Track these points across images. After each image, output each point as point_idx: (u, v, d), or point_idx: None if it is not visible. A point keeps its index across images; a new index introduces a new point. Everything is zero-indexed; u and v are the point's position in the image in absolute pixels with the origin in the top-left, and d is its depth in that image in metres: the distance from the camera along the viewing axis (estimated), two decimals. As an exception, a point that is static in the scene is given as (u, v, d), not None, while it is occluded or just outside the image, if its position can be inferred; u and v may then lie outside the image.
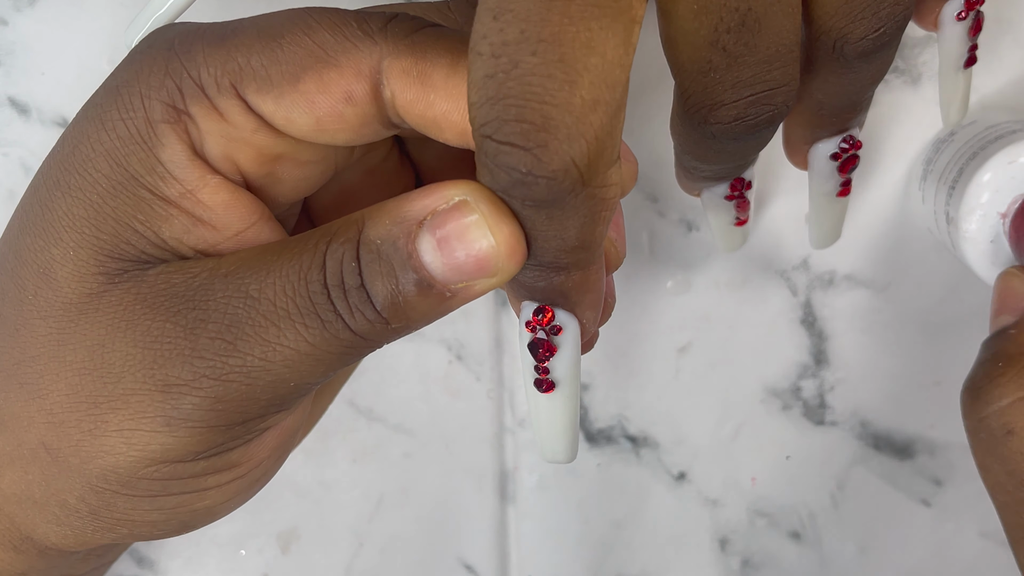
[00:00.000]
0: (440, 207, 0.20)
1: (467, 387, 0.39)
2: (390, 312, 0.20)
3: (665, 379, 0.39)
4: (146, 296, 0.21)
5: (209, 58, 0.21)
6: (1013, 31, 0.35)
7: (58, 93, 0.35)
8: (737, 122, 0.22)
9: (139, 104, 0.21)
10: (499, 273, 0.20)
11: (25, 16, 0.34)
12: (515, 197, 0.19)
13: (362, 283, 0.20)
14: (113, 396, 0.21)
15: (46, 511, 0.23)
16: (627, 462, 0.40)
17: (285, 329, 0.20)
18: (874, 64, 0.24)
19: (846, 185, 0.30)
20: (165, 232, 0.22)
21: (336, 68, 0.21)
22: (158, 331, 0.21)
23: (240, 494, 0.24)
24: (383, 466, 0.40)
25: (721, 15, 0.20)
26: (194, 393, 0.21)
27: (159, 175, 0.21)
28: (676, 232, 0.37)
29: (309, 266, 0.20)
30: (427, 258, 0.20)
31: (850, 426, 0.39)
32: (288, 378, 0.21)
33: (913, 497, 0.40)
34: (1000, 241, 0.32)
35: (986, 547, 0.40)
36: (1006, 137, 0.32)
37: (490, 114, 0.17)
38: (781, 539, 0.41)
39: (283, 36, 0.21)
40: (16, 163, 0.36)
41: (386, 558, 0.41)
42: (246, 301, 0.21)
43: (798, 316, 0.38)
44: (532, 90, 0.17)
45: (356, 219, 0.21)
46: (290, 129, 0.22)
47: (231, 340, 0.21)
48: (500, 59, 0.17)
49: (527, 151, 0.17)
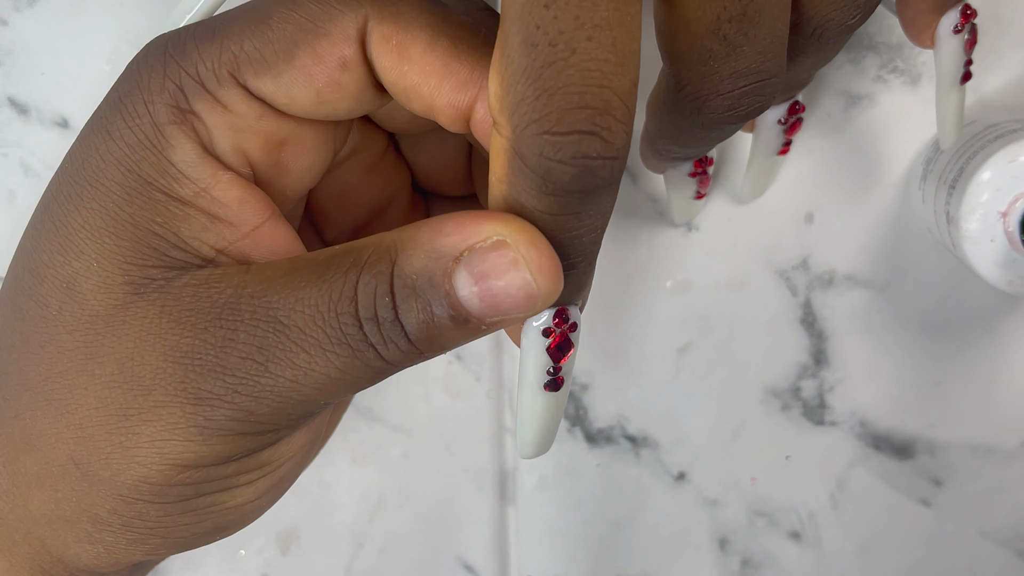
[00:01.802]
0: (477, 244, 0.20)
1: (467, 387, 0.39)
2: (424, 344, 0.20)
3: (665, 379, 0.39)
4: (172, 309, 0.21)
5: (204, 53, 0.21)
6: (1013, 31, 0.35)
7: (58, 93, 0.35)
8: (730, 112, 0.22)
9: (143, 110, 0.21)
10: (537, 309, 0.20)
11: (25, 16, 0.34)
12: (572, 192, 0.19)
13: (396, 316, 0.20)
14: (144, 408, 0.21)
15: (77, 528, 0.23)
16: (627, 462, 0.40)
17: (315, 356, 0.21)
18: (839, 46, 0.24)
19: (787, 144, 0.33)
20: (184, 232, 0.22)
21: (327, 37, 0.21)
22: (187, 347, 0.21)
23: (270, 491, 0.25)
24: (383, 466, 0.40)
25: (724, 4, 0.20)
26: (226, 406, 0.21)
27: (172, 176, 0.21)
28: (676, 232, 0.37)
29: (339, 297, 0.20)
30: (463, 293, 0.20)
31: (850, 426, 0.39)
32: (318, 398, 0.21)
33: (913, 497, 0.40)
34: (1000, 240, 0.32)
35: (986, 547, 0.40)
36: (1006, 136, 0.32)
37: (547, 107, 0.17)
38: (781, 539, 0.41)
39: (271, 16, 0.21)
40: (16, 163, 0.36)
41: (386, 558, 0.41)
42: (275, 327, 0.21)
43: (798, 316, 0.38)
44: (592, 75, 0.17)
45: (387, 247, 0.20)
46: (293, 107, 0.22)
47: (262, 362, 0.21)
48: (557, 47, 0.17)
49: (595, 135, 0.18)
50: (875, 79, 0.35)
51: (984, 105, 0.36)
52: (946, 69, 0.29)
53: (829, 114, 0.36)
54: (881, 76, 0.35)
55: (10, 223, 0.37)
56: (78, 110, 0.36)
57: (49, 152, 0.36)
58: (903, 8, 0.28)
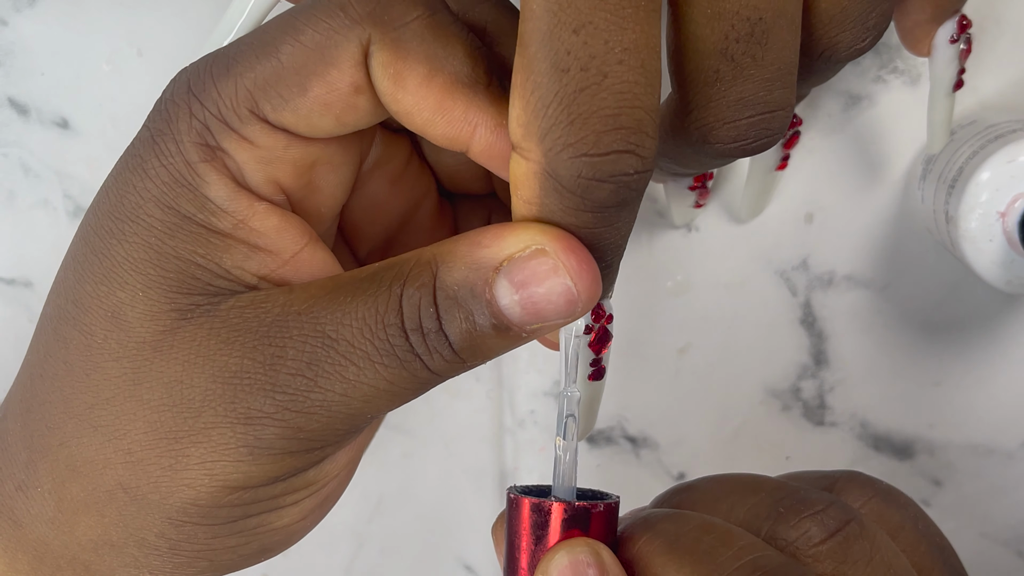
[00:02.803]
0: (516, 254, 0.20)
1: (467, 387, 0.39)
2: (467, 353, 0.21)
3: (665, 379, 0.39)
4: (220, 331, 0.22)
5: (222, 92, 0.22)
6: (1013, 31, 0.35)
7: (58, 93, 0.35)
8: (736, 144, 0.22)
9: (175, 150, 0.22)
10: (577, 315, 0.21)
11: (25, 16, 0.34)
12: (608, 208, 0.19)
13: (441, 327, 0.21)
14: (194, 430, 0.22)
15: (124, 554, 0.23)
16: (627, 462, 0.40)
17: (364, 368, 0.21)
18: (842, 67, 0.24)
19: (785, 159, 0.33)
20: (227, 262, 0.22)
21: (336, 66, 0.21)
22: (236, 366, 0.21)
23: (316, 510, 0.25)
24: (383, 466, 0.40)
25: (733, 22, 0.21)
26: (276, 424, 0.21)
27: (210, 211, 0.22)
28: (676, 232, 0.37)
29: (385, 310, 0.21)
30: (504, 302, 0.20)
31: (850, 426, 0.39)
32: (366, 411, 0.22)
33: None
34: (999, 240, 0.32)
35: (986, 547, 0.40)
36: (1005, 136, 0.32)
37: (583, 131, 0.18)
38: (781, 539, 0.41)
39: (278, 48, 0.22)
40: (16, 163, 0.36)
41: (386, 558, 0.41)
42: (324, 341, 0.21)
43: (798, 316, 0.38)
44: (624, 97, 0.18)
45: (428, 260, 0.21)
46: (315, 133, 0.22)
47: (312, 377, 0.21)
48: (589, 71, 0.18)
49: (631, 154, 0.18)
50: (875, 79, 0.36)
51: (984, 105, 0.36)
52: (941, 77, 0.29)
53: (829, 114, 0.36)
54: (881, 76, 0.35)
55: (10, 223, 0.37)
56: (78, 110, 0.36)
57: (49, 152, 0.36)
58: (901, 17, 0.29)
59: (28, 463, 0.23)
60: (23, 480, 0.23)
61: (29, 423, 0.24)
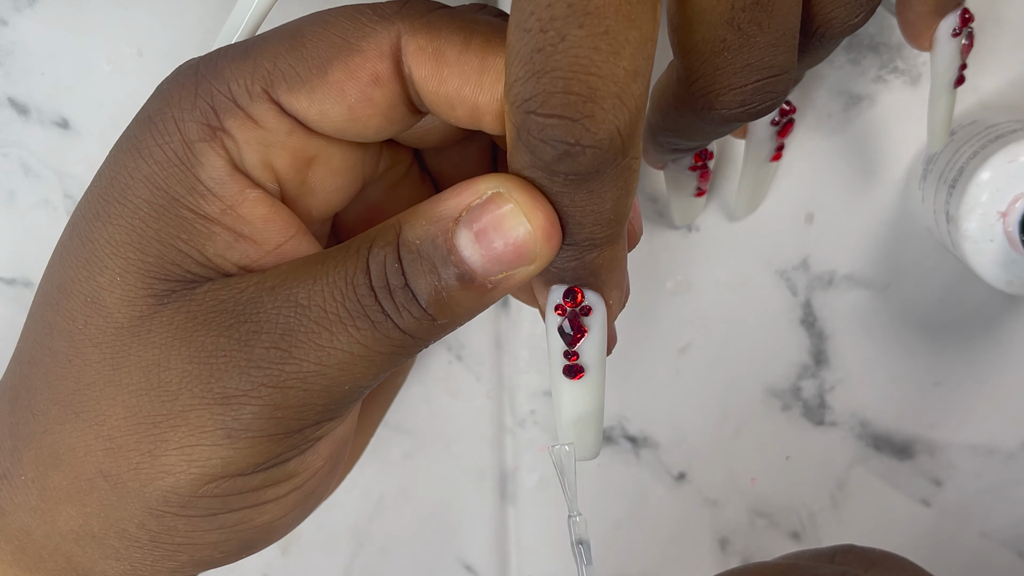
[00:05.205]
0: (474, 202, 0.21)
1: (467, 387, 0.39)
2: (435, 308, 0.21)
3: (665, 379, 0.39)
4: (196, 314, 0.22)
5: (237, 71, 0.22)
6: (1012, 31, 0.35)
7: (58, 93, 0.35)
8: (742, 108, 0.22)
9: (173, 128, 0.22)
10: (538, 259, 0.21)
11: (25, 16, 0.34)
12: (558, 173, 0.19)
13: (406, 282, 0.21)
14: (172, 413, 0.22)
15: (104, 545, 0.23)
16: (627, 462, 0.40)
17: (337, 333, 0.21)
18: (836, 45, 0.25)
19: (779, 149, 0.33)
20: (209, 250, 0.22)
21: (360, 53, 0.22)
22: (212, 346, 0.22)
23: (298, 507, 0.25)
24: (383, 466, 0.40)
25: None
26: (253, 402, 0.21)
27: (200, 194, 0.22)
28: (676, 232, 0.37)
29: (355, 271, 0.21)
30: (466, 252, 0.21)
31: (850, 426, 0.39)
32: (343, 381, 0.22)
33: (913, 497, 0.40)
34: (1000, 240, 0.32)
35: (986, 547, 0.40)
36: (1006, 136, 0.32)
37: (535, 88, 0.18)
38: (781, 539, 0.41)
39: (304, 35, 0.22)
40: (16, 163, 0.36)
41: (386, 558, 0.41)
42: (296, 310, 0.21)
43: (798, 316, 0.38)
44: (579, 62, 0.18)
45: (392, 224, 0.21)
46: (324, 124, 0.22)
47: (286, 348, 0.21)
48: (548, 33, 0.18)
49: (575, 122, 0.18)
50: (875, 79, 0.35)
51: (984, 105, 0.36)
52: (942, 71, 0.29)
53: (829, 114, 0.36)
54: (881, 76, 0.35)
55: (10, 223, 0.37)
56: (78, 110, 0.36)
57: (49, 152, 0.36)
58: (903, 10, 0.29)
59: (13, 451, 0.23)
60: (8, 468, 0.23)
61: (16, 410, 0.24)
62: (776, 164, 0.34)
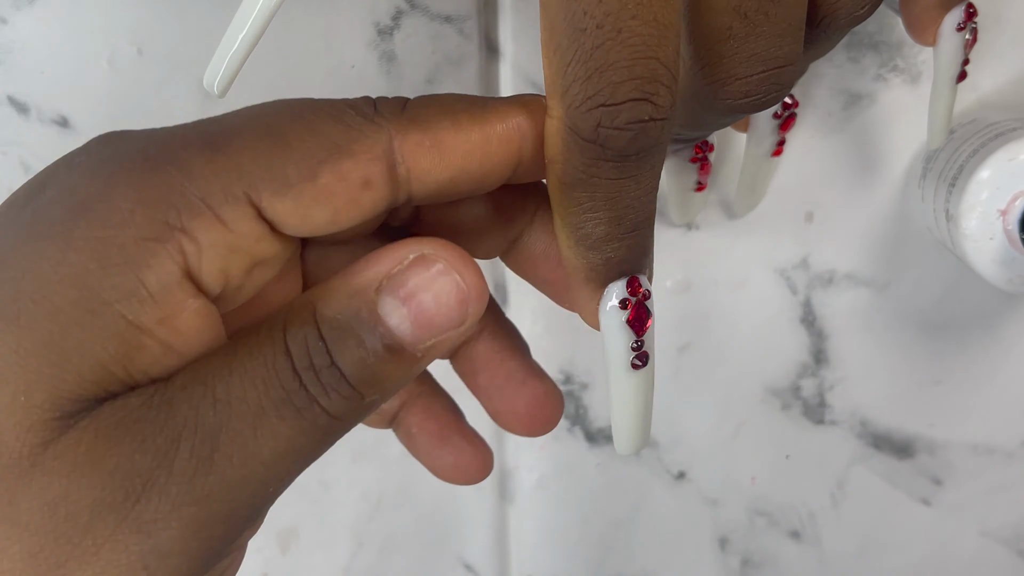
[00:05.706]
0: (395, 269, 0.20)
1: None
2: (364, 385, 0.20)
3: (665, 379, 0.39)
4: (107, 431, 0.19)
5: (215, 169, 0.20)
6: (1013, 31, 0.35)
7: (58, 92, 0.35)
8: (746, 99, 0.22)
9: (119, 220, 0.19)
10: (468, 318, 0.20)
11: (25, 15, 0.34)
12: (628, 156, 0.20)
13: (332, 361, 0.20)
14: (82, 551, 0.19)
15: None
16: (627, 462, 0.40)
17: (261, 427, 0.19)
18: (840, 38, 0.25)
19: (781, 144, 0.33)
20: (135, 364, 0.20)
21: (351, 157, 0.20)
22: (128, 466, 0.19)
23: None
24: (383, 466, 0.40)
25: None
26: (174, 525, 0.19)
27: (139, 299, 0.19)
28: (676, 232, 0.37)
29: (273, 355, 0.19)
30: (393, 322, 0.20)
31: (850, 425, 0.39)
32: (268, 482, 0.20)
33: (913, 497, 0.40)
34: (999, 238, 0.32)
35: (986, 547, 0.40)
36: (1006, 135, 0.32)
37: (600, 83, 0.19)
38: (781, 539, 0.41)
39: (288, 135, 0.20)
40: (15, 162, 0.36)
41: (385, 558, 0.41)
42: (215, 406, 0.19)
43: (798, 315, 0.38)
44: (638, 49, 0.19)
45: (304, 303, 0.20)
46: (302, 228, 0.21)
47: (207, 455, 0.19)
48: (604, 28, 0.18)
49: (647, 101, 0.19)
50: (875, 78, 0.35)
51: (984, 104, 0.36)
52: (945, 66, 0.29)
53: (829, 113, 0.36)
54: (881, 75, 0.35)
55: (10, 222, 0.37)
56: (78, 109, 0.36)
57: (49, 151, 0.36)
58: (908, 4, 0.29)
59: None
60: None
61: None
62: (777, 160, 0.34)
